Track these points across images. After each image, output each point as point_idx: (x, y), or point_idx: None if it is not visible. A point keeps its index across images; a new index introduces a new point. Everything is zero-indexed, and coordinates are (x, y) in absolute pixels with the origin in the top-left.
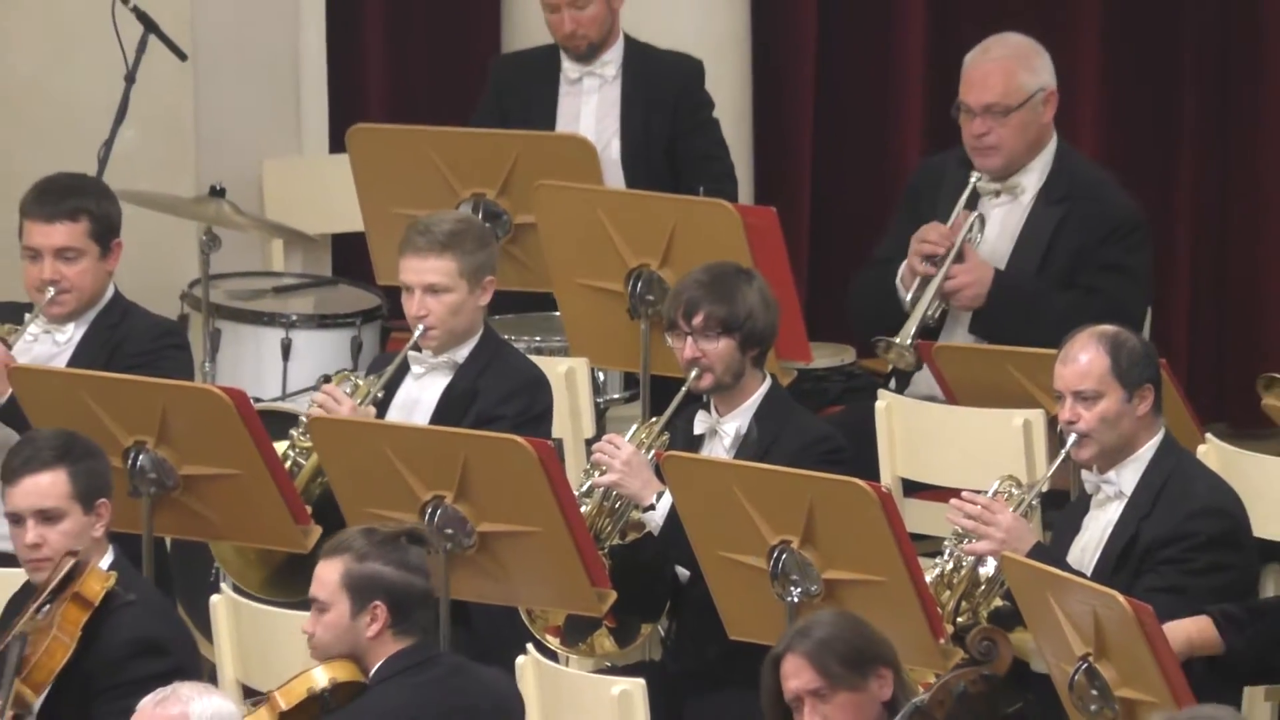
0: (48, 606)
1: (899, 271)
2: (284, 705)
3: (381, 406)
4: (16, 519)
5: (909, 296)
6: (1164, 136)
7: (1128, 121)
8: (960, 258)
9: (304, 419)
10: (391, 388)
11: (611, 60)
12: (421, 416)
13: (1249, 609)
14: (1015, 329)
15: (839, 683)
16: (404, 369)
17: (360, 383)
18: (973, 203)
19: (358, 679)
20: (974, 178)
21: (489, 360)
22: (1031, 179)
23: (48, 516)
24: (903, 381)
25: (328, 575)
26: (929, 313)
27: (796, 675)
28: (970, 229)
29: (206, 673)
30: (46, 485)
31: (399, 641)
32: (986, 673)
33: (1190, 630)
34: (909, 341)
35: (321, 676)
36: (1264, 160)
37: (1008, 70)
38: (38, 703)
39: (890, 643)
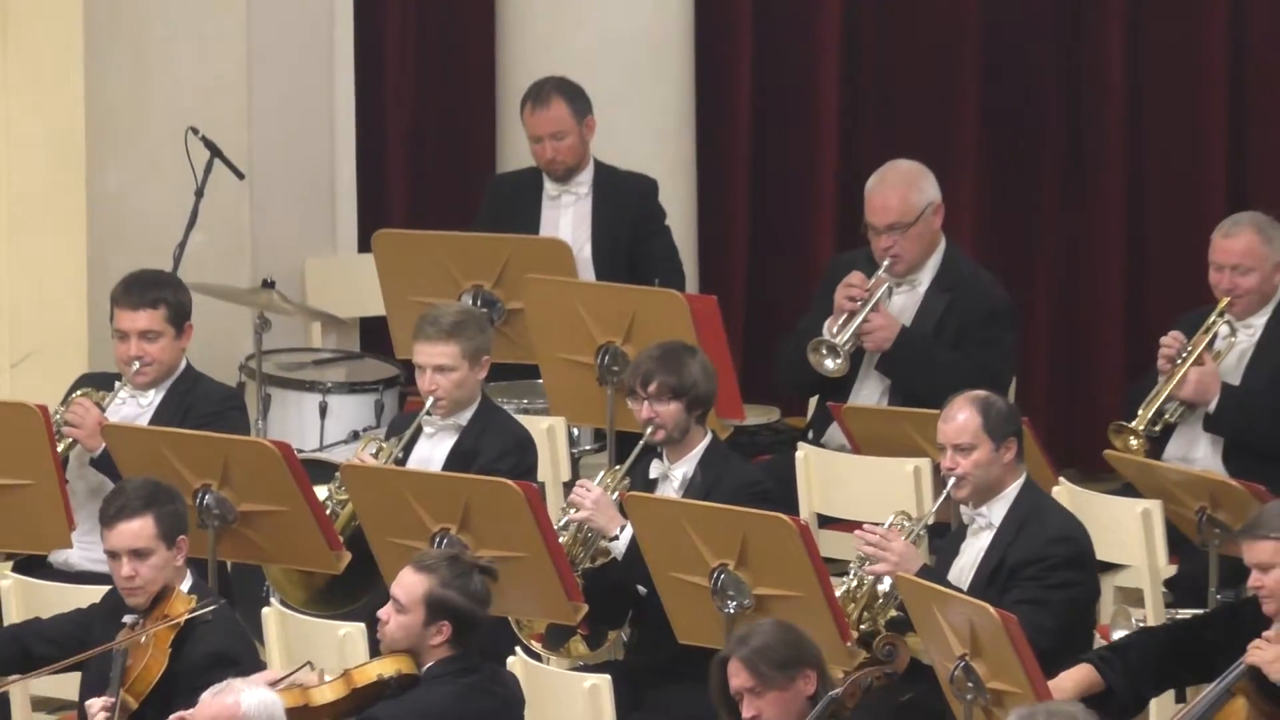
0: (141, 624)
1: (824, 323)
2: (358, 683)
3: (400, 462)
4: (114, 555)
5: (836, 331)
6: (1026, 236)
7: (998, 223)
8: (875, 309)
9: (338, 475)
10: (409, 446)
11: (584, 180)
12: (434, 469)
13: (1113, 648)
14: (911, 371)
15: (769, 683)
16: (418, 431)
17: (384, 445)
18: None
19: (414, 672)
20: (881, 271)
21: (487, 423)
22: (926, 273)
23: (139, 554)
24: (818, 435)
25: (413, 586)
26: (847, 345)
27: (736, 676)
28: (882, 295)
29: None
30: (137, 529)
31: (451, 650)
32: (889, 670)
33: (1077, 677)
34: (844, 342)
35: (390, 667)
36: (1101, 267)
37: (902, 194)
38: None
39: (816, 647)
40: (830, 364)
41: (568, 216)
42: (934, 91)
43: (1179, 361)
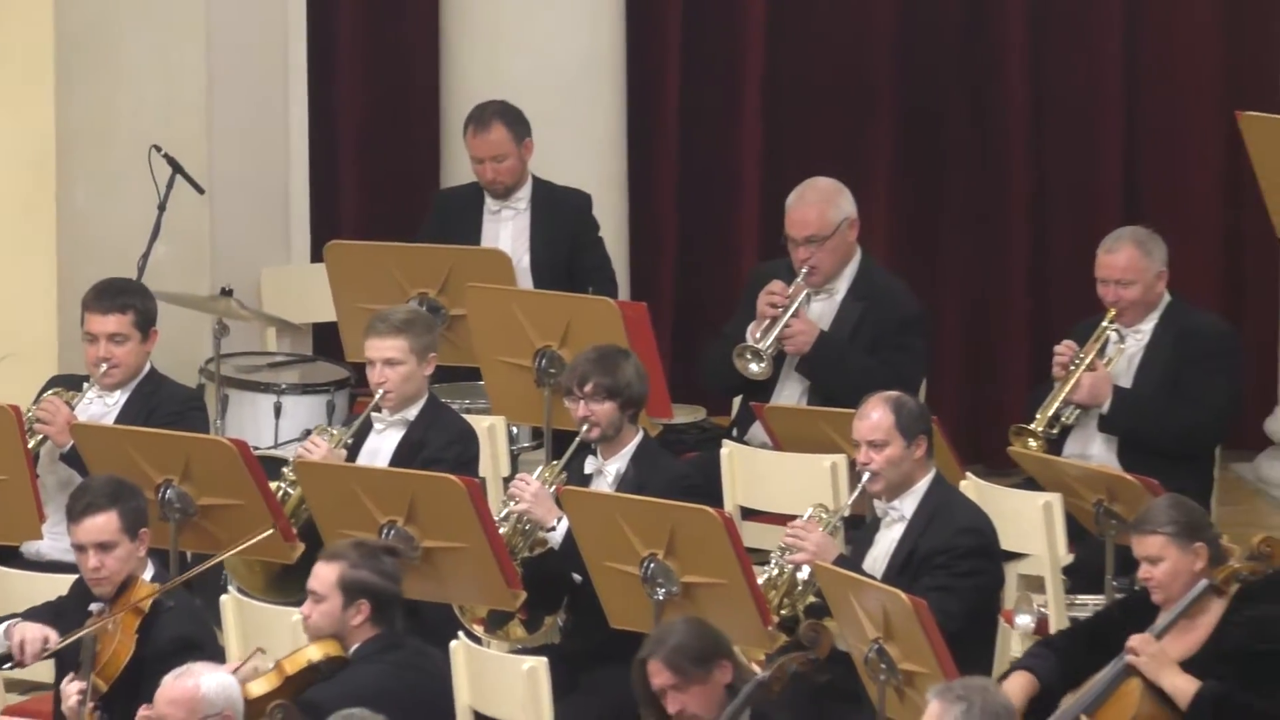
0: (107, 611)
1: (747, 328)
2: (290, 671)
3: (351, 453)
4: (80, 548)
5: (759, 336)
6: (936, 249)
7: (909, 237)
8: (795, 315)
9: (292, 460)
10: (359, 440)
11: (523, 196)
12: (382, 462)
13: (1044, 644)
14: (828, 373)
15: (690, 678)
16: (368, 426)
17: (335, 432)
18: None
19: (342, 655)
20: (799, 279)
21: (433, 418)
22: (842, 283)
23: (104, 547)
24: (742, 432)
25: (326, 574)
26: (769, 349)
27: (658, 675)
28: (801, 301)
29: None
30: (103, 524)
31: (374, 629)
32: (812, 656)
33: (1019, 683)
34: (767, 346)
35: (316, 652)
36: (1006, 278)
37: (819, 209)
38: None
39: (727, 638)
40: (755, 368)
41: (507, 229)
42: (849, 115)
43: (1073, 367)
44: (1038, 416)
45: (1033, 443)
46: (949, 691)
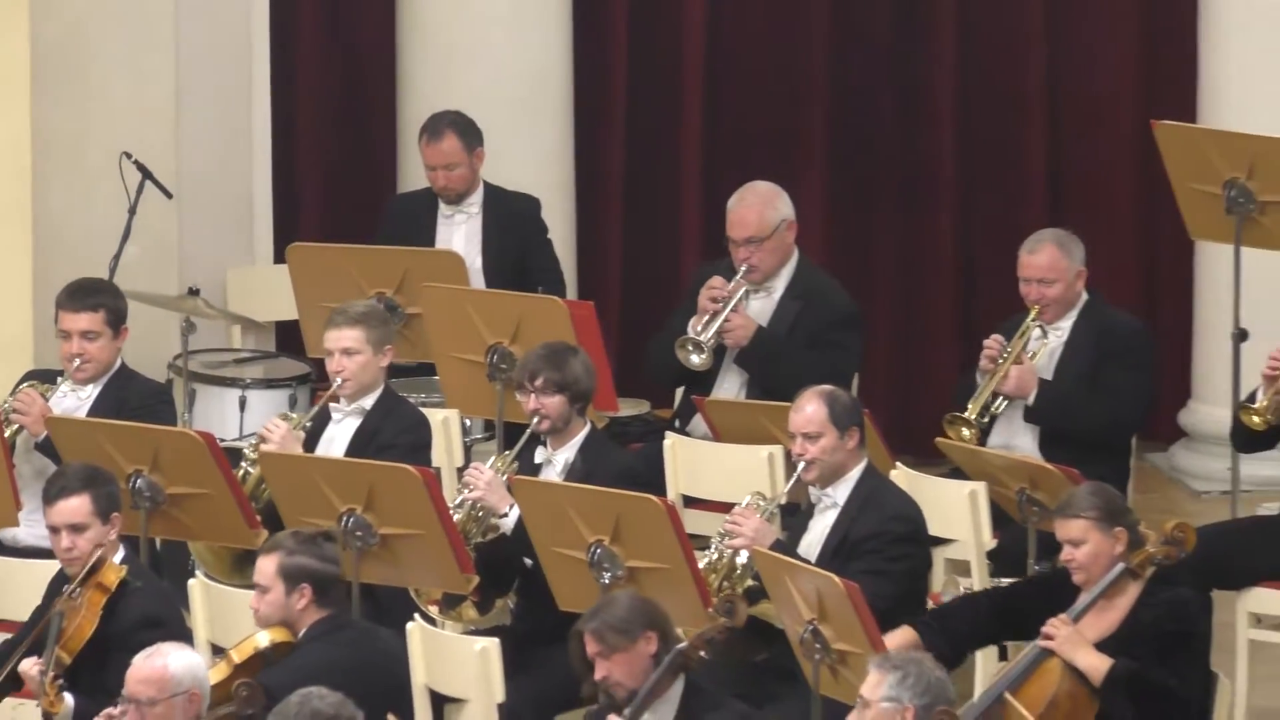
0: (78, 590)
1: (689, 322)
2: (238, 659)
3: (311, 441)
4: (54, 529)
5: (700, 329)
6: (868, 250)
7: (844, 239)
8: (734, 310)
9: (254, 441)
10: (318, 429)
11: (475, 202)
12: (338, 450)
13: (936, 614)
14: (766, 366)
15: (614, 647)
16: (326, 415)
17: (295, 417)
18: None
19: (290, 639)
20: (739, 277)
21: (389, 408)
22: (780, 282)
23: (76, 528)
24: (684, 424)
25: (267, 566)
26: (710, 341)
27: (588, 644)
28: (740, 298)
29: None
30: (75, 506)
31: (320, 611)
32: (729, 625)
33: (899, 639)
34: (708, 338)
35: (264, 638)
36: (934, 278)
37: (759, 211)
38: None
39: (658, 612)
40: (695, 359)
41: (460, 233)
42: (785, 125)
43: (1000, 361)
44: (970, 406)
45: (966, 431)
46: (887, 661)
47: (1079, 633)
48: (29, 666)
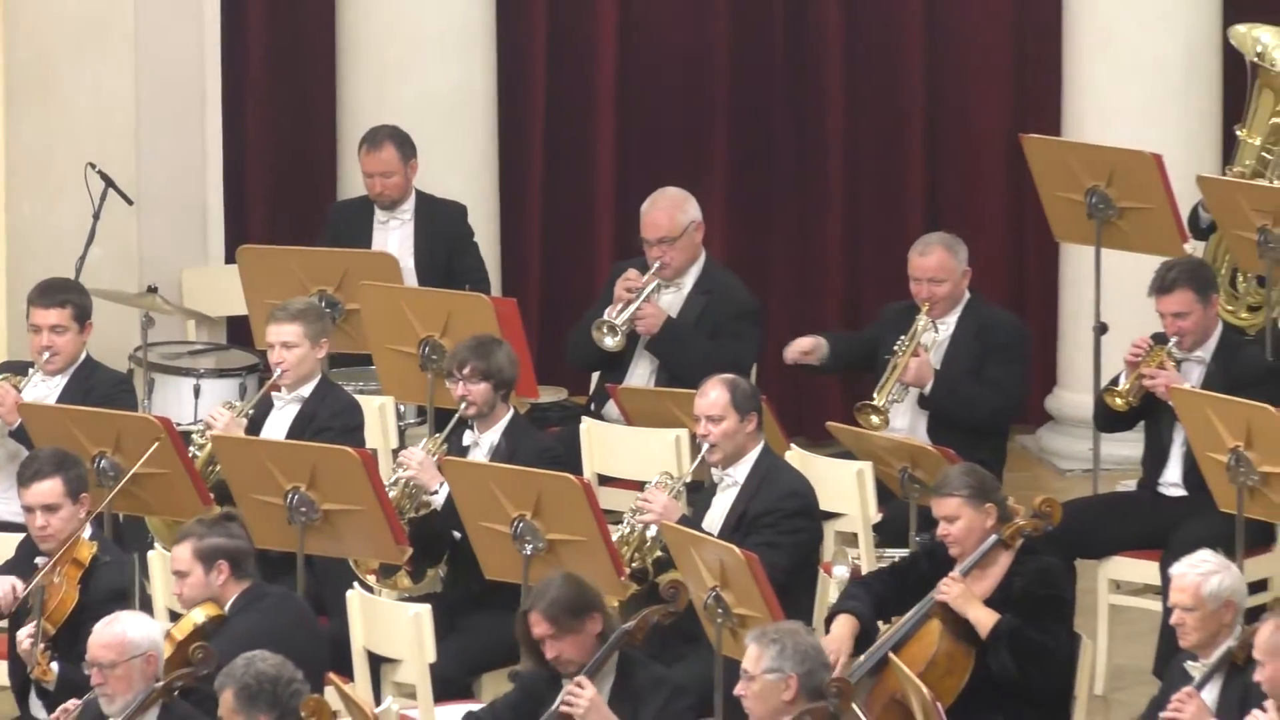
0: (54, 565)
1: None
2: (179, 637)
3: (256, 427)
4: (29, 510)
5: (615, 314)
6: (766, 250)
7: (745, 240)
8: (647, 300)
9: (201, 425)
10: (262, 415)
11: (408, 208)
12: (280, 433)
13: (860, 584)
14: (674, 353)
15: (564, 629)
16: (269, 403)
17: (238, 405)
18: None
19: (221, 613)
20: (651, 271)
21: (324, 394)
22: (689, 278)
23: (50, 509)
24: (598, 410)
25: (182, 553)
26: (624, 325)
27: (537, 625)
28: (652, 289)
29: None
30: (49, 488)
31: (240, 584)
32: (672, 609)
33: (845, 625)
34: (621, 323)
35: (200, 614)
36: (825, 275)
37: (669, 214)
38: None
39: (599, 593)
40: (609, 341)
41: (394, 236)
42: (691, 138)
43: (899, 351)
44: (875, 395)
45: (875, 418)
46: (764, 635)
47: (970, 589)
48: (22, 638)
